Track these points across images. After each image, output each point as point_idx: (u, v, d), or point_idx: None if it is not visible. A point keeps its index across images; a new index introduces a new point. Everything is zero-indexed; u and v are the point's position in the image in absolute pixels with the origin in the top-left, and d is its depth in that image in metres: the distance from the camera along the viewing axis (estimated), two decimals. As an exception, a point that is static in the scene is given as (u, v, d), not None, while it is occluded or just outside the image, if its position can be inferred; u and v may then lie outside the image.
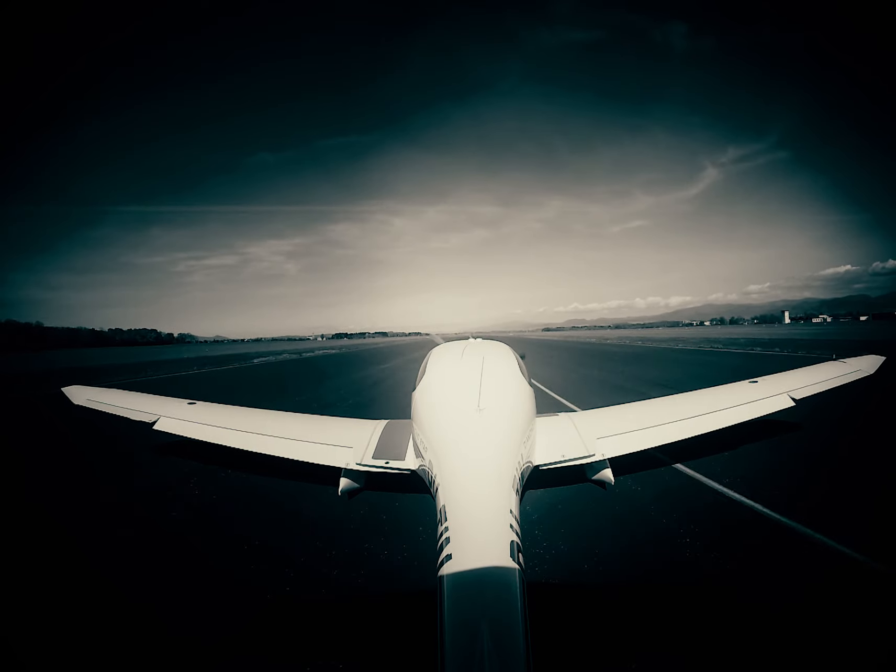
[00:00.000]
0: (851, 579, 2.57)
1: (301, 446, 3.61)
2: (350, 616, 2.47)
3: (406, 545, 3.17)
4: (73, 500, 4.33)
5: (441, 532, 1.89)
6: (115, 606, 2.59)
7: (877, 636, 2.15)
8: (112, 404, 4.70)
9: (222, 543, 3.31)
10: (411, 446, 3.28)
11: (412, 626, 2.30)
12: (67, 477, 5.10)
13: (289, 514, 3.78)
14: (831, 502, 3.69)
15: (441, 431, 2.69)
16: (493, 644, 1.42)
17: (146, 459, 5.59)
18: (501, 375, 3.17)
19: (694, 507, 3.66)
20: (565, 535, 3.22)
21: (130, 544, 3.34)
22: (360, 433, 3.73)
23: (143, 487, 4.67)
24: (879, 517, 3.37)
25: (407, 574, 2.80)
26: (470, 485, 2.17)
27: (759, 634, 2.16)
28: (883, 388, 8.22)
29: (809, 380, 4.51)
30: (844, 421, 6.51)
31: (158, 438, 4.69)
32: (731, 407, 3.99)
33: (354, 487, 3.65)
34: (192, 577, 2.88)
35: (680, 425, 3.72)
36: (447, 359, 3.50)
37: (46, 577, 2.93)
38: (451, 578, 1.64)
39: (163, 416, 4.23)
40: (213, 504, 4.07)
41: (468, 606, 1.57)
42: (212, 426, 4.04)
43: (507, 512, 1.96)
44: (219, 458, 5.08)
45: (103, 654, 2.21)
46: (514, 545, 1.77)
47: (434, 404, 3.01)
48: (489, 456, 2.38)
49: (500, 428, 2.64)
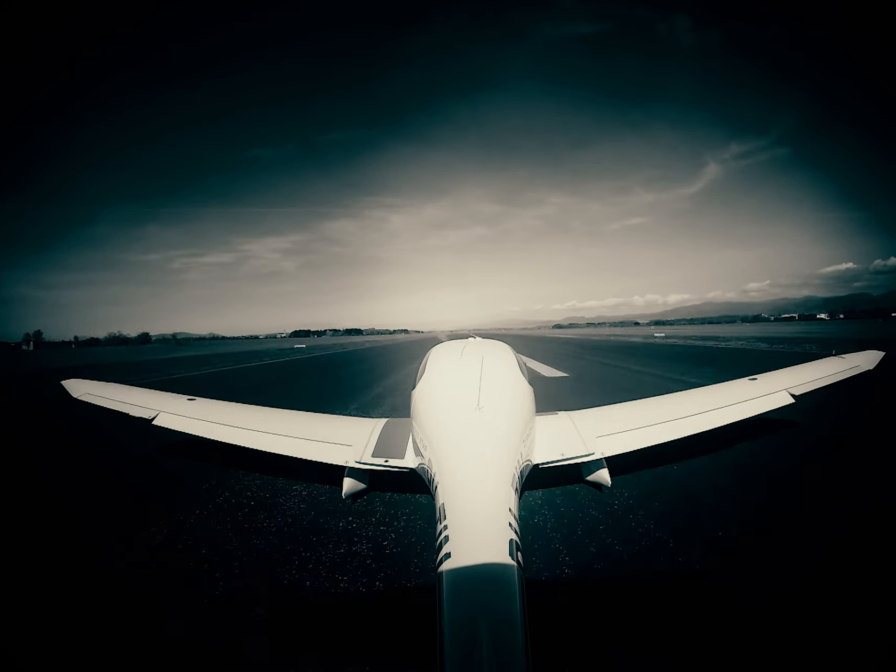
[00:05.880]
0: (851, 582, 2.58)
1: (300, 444, 3.61)
2: (350, 614, 2.47)
3: (406, 543, 3.18)
4: (70, 497, 4.35)
5: (440, 530, 1.89)
6: (116, 606, 2.60)
7: (874, 639, 2.16)
8: (111, 398, 4.69)
9: (220, 544, 3.31)
10: (411, 445, 3.28)
11: (412, 624, 2.31)
12: (64, 472, 5.12)
13: (287, 513, 3.77)
14: (832, 501, 3.70)
15: (440, 430, 2.68)
16: (493, 642, 1.42)
17: (144, 455, 5.60)
18: (501, 374, 3.16)
19: (693, 505, 3.66)
20: (559, 534, 3.23)
21: (127, 545, 3.34)
22: (359, 431, 3.73)
23: (139, 483, 4.68)
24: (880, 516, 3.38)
25: (406, 572, 2.81)
26: (469, 483, 2.16)
27: (756, 634, 2.17)
28: (882, 383, 8.25)
29: (808, 376, 4.52)
30: (843, 416, 6.53)
31: (157, 434, 4.69)
32: (732, 404, 4.00)
33: (359, 489, 3.64)
34: (192, 577, 2.88)
35: (680, 423, 3.73)
36: (447, 357, 3.49)
37: (46, 576, 2.94)
38: (451, 576, 1.64)
39: (162, 412, 4.22)
40: (209, 502, 4.07)
41: (467, 604, 1.57)
42: (211, 422, 4.04)
43: (507, 510, 1.96)
44: (217, 454, 5.08)
45: (103, 654, 2.22)
46: (513, 543, 1.76)
47: (433, 403, 3.01)
48: (488, 454, 2.37)
49: (500, 426, 2.63)
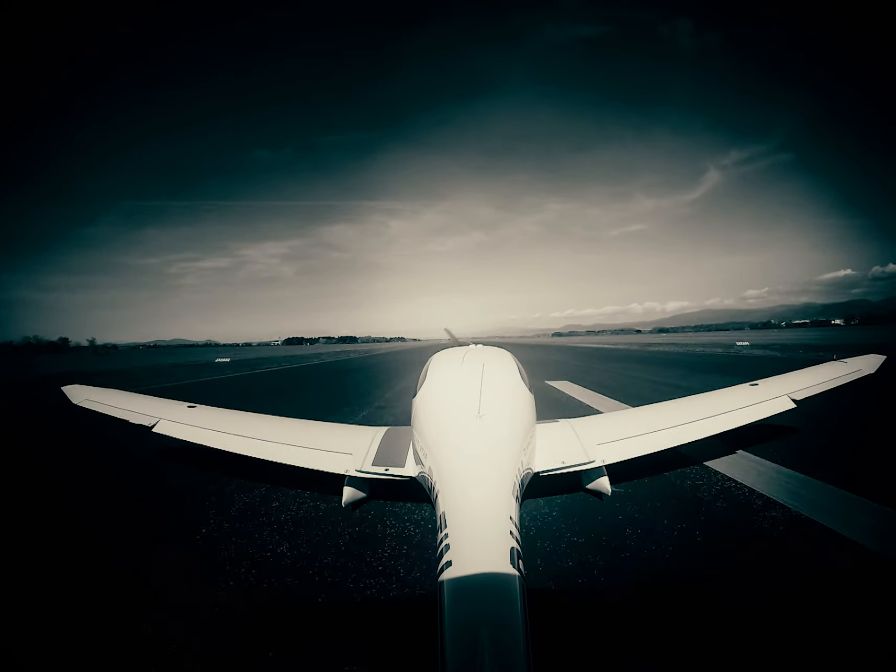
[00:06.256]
0: (850, 588, 2.56)
1: (300, 452, 3.60)
2: (352, 623, 2.45)
3: (406, 551, 3.16)
4: (71, 499, 4.35)
5: (441, 539, 1.88)
6: (115, 605, 2.59)
7: (874, 644, 2.14)
8: (111, 405, 4.71)
9: (219, 548, 3.30)
10: (411, 453, 3.27)
11: (413, 632, 2.29)
12: (66, 474, 5.11)
13: (287, 522, 3.75)
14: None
15: (441, 438, 2.68)
16: (494, 650, 1.41)
17: (144, 462, 5.59)
18: (502, 382, 3.15)
19: (690, 513, 3.63)
20: (560, 543, 3.21)
21: (125, 550, 3.33)
22: (360, 440, 3.72)
23: (139, 491, 4.66)
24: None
25: (408, 581, 2.80)
26: (470, 491, 2.15)
27: (756, 641, 2.15)
28: (883, 387, 8.26)
29: (810, 381, 4.52)
30: (845, 420, 6.52)
31: (157, 441, 4.68)
32: (733, 410, 3.99)
33: (359, 498, 3.62)
34: (191, 577, 2.87)
35: (681, 429, 3.73)
36: (447, 365, 3.49)
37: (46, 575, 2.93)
38: (452, 585, 1.64)
39: (162, 419, 4.23)
40: (207, 509, 4.05)
41: (468, 613, 1.56)
42: (211, 430, 4.04)
43: (507, 518, 1.95)
44: (217, 461, 5.07)
45: (104, 654, 2.21)
46: (514, 552, 1.76)
47: (434, 410, 3.00)
48: (489, 462, 2.37)
49: (500, 434, 2.63)
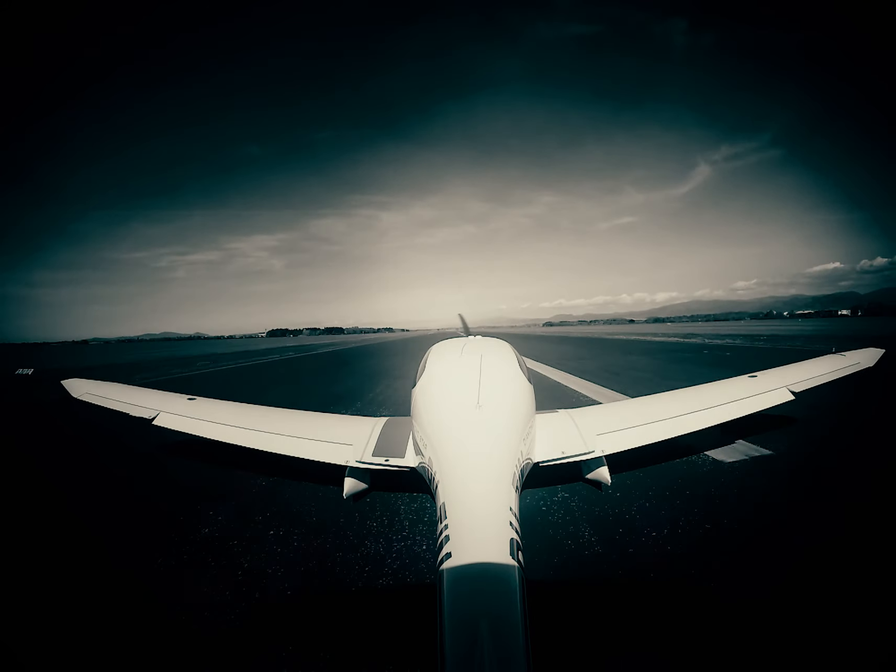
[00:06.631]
0: (849, 581, 2.58)
1: (301, 443, 3.61)
2: (351, 614, 2.47)
3: (406, 543, 3.18)
4: (71, 496, 4.36)
5: (441, 530, 1.89)
6: (114, 606, 2.61)
7: (870, 641, 2.16)
8: (111, 398, 4.70)
9: (220, 543, 3.32)
10: (411, 444, 3.28)
11: (413, 623, 2.31)
12: (66, 471, 5.13)
13: (287, 513, 3.77)
14: (830, 497, 3.71)
15: (440, 428, 2.68)
16: (493, 641, 1.42)
17: (145, 455, 5.61)
18: (501, 372, 3.16)
19: (691, 503, 3.66)
20: (559, 532, 3.23)
21: (124, 546, 3.35)
22: (359, 430, 3.72)
23: (140, 484, 4.68)
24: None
25: (407, 571, 2.81)
26: (469, 482, 2.16)
27: (755, 633, 2.17)
28: (882, 380, 8.28)
29: (808, 373, 4.54)
30: (843, 413, 6.55)
31: (158, 434, 4.69)
32: (732, 401, 4.00)
33: (360, 489, 3.64)
34: (190, 576, 2.89)
35: (680, 420, 3.74)
36: (446, 355, 3.49)
37: (46, 576, 2.94)
38: (451, 576, 1.64)
39: (162, 412, 4.22)
40: (210, 502, 4.08)
41: (468, 604, 1.57)
42: (211, 422, 4.04)
43: (507, 509, 1.95)
44: (217, 453, 5.09)
45: (104, 654, 2.23)
46: (513, 543, 1.76)
47: (433, 401, 3.00)
48: (488, 453, 2.37)
49: (500, 425, 2.63)
